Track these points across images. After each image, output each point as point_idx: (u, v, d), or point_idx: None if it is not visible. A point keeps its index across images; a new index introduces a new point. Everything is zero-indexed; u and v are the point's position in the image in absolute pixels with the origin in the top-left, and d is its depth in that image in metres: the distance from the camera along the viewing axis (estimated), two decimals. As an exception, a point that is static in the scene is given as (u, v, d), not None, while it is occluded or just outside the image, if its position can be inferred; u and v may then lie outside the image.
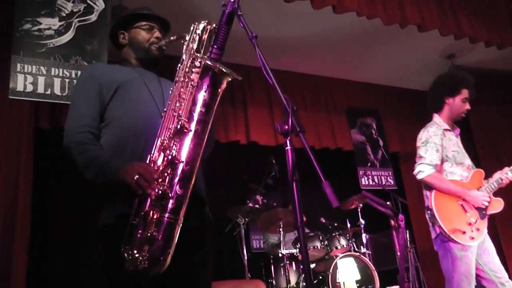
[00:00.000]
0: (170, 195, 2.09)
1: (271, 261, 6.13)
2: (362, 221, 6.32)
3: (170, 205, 2.08)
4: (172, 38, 2.49)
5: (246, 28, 2.07)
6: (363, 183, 6.84)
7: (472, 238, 3.67)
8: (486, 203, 3.79)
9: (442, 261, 3.67)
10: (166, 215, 2.07)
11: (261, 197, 6.65)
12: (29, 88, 3.98)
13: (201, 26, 2.38)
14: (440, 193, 3.73)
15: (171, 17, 2.70)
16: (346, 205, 6.50)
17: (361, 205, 6.37)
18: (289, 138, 1.86)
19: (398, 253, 3.12)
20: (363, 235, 6.29)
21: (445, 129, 3.95)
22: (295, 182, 1.83)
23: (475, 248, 3.68)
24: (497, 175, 3.97)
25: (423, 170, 3.76)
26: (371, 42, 6.49)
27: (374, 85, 7.62)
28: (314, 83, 7.21)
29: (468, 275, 3.58)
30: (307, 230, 6.43)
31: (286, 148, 1.87)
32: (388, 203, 3.53)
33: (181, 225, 2.11)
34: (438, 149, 3.80)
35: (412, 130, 7.44)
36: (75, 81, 4.03)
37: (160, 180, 2.11)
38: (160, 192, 2.09)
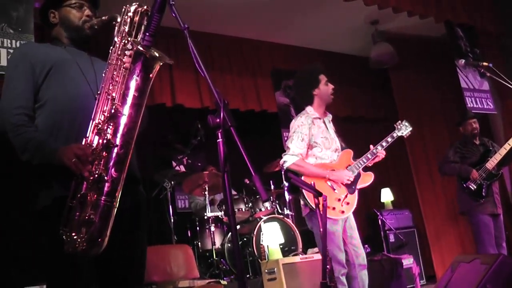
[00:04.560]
0: (105, 178, 2.12)
1: (197, 223, 6.23)
2: (286, 183, 6.48)
3: (106, 188, 2.12)
4: (103, 18, 2.47)
5: (178, 18, 2.09)
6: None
7: (343, 212, 4.00)
8: (350, 179, 4.07)
9: (316, 236, 3.94)
10: (103, 198, 2.11)
11: (186, 158, 6.69)
12: (-46, 58, 3.88)
13: (132, 8, 2.37)
14: (308, 177, 3.95)
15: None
16: (271, 168, 6.63)
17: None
18: (220, 131, 1.91)
19: (321, 229, 3.25)
20: (286, 197, 6.47)
21: (315, 118, 4.16)
22: (227, 174, 1.89)
23: (342, 223, 4.00)
24: (368, 153, 4.24)
25: (286, 160, 4.03)
26: (297, 6, 6.51)
27: (299, 48, 7.69)
28: (240, 45, 7.21)
29: (340, 246, 3.90)
30: (232, 192, 6.54)
31: (218, 141, 1.92)
32: (311, 182, 3.66)
33: (117, 206, 2.15)
34: (304, 138, 4.03)
35: (336, 93, 7.67)
36: (1, 49, 3.95)
37: (96, 163, 2.13)
38: (96, 175, 2.11)
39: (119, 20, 2.37)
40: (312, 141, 4.06)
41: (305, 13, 6.72)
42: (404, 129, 4.46)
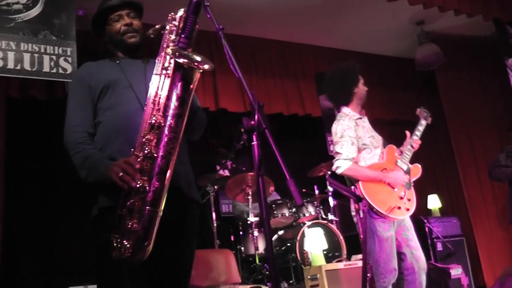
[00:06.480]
0: (147, 188, 2.19)
1: (240, 227, 6.19)
2: (330, 188, 6.39)
3: (148, 198, 2.19)
4: (157, 26, 2.49)
5: (212, 20, 2.08)
6: (332, 149, 6.85)
7: (408, 209, 3.87)
8: (406, 180, 3.95)
9: (368, 242, 3.73)
10: (147, 207, 2.18)
11: (231, 162, 6.68)
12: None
13: (178, 15, 2.40)
14: (366, 181, 3.82)
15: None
16: (315, 172, 6.56)
17: (329, 172, 6.42)
18: (255, 133, 1.87)
19: (361, 236, 3.18)
20: (331, 202, 6.38)
21: (357, 119, 4.04)
22: (261, 178, 1.85)
23: (395, 226, 3.84)
24: (406, 144, 4.12)
25: (340, 165, 3.85)
26: (340, 8, 6.45)
27: (343, 51, 7.58)
28: (283, 49, 7.17)
29: (393, 253, 3.74)
30: (276, 197, 6.50)
31: (252, 143, 1.89)
32: (352, 187, 3.58)
33: (161, 215, 2.22)
34: (353, 142, 3.89)
35: (380, 96, 7.58)
36: (44, 56, 4.12)
37: (140, 173, 2.21)
38: (139, 185, 2.18)
39: (167, 28, 2.41)
40: (360, 143, 3.94)
41: (348, 15, 6.64)
42: (426, 115, 4.28)
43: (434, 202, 7.59)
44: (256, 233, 5.80)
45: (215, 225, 6.09)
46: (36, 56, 4.10)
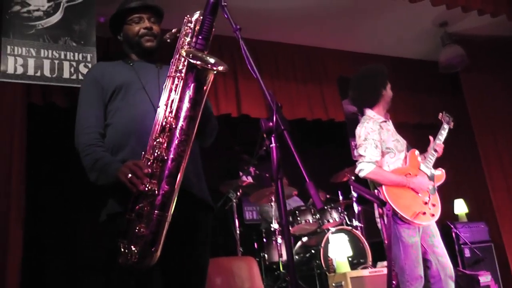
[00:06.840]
0: (156, 192, 2.14)
1: (263, 234, 6.14)
2: (354, 194, 6.31)
3: (157, 202, 2.14)
4: (173, 30, 2.47)
5: (230, 20, 2.04)
6: (356, 154, 6.77)
7: (433, 214, 3.78)
8: (431, 186, 3.87)
9: (393, 248, 3.64)
10: (155, 212, 2.13)
11: (254, 168, 6.63)
12: (19, 70, 4.04)
13: (194, 18, 2.39)
14: (389, 186, 3.74)
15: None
16: (338, 178, 6.48)
17: (353, 177, 6.34)
18: (273, 135, 1.81)
19: (386, 241, 3.11)
20: (355, 207, 6.29)
21: (381, 122, 3.97)
22: (280, 181, 1.79)
23: (420, 232, 3.74)
24: (430, 148, 4.03)
25: (363, 168, 3.77)
26: (363, 12, 6.37)
27: (366, 54, 7.47)
28: (306, 53, 7.09)
29: (418, 259, 3.64)
30: (300, 203, 6.43)
31: (271, 146, 1.82)
32: (375, 191, 3.50)
33: (170, 220, 2.17)
34: (377, 145, 3.82)
35: (405, 100, 7.46)
36: (64, 62, 4.14)
37: (150, 176, 2.17)
38: (148, 189, 2.14)
39: (183, 30, 2.39)
40: (384, 147, 3.86)
41: (371, 18, 6.55)
42: (449, 119, 4.20)
43: (460, 207, 7.42)
44: (279, 240, 5.75)
45: (238, 232, 6.04)
46: (56, 63, 4.12)
